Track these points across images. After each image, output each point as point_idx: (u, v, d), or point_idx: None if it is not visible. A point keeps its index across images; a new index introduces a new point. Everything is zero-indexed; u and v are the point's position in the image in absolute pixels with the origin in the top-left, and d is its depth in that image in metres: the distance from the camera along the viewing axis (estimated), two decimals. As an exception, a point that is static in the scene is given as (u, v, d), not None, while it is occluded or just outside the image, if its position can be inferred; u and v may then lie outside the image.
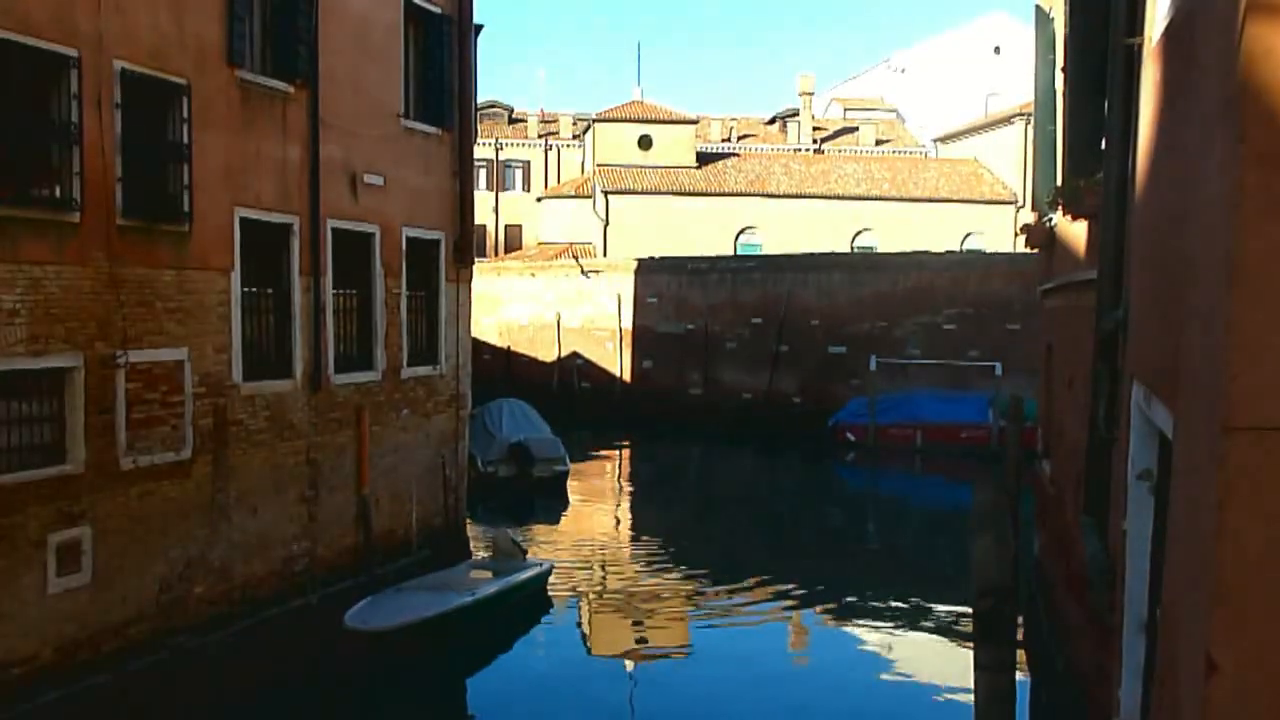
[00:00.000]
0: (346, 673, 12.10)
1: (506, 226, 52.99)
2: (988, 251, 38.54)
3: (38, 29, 10.19)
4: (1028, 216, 23.53)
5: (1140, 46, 6.24)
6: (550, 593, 15.54)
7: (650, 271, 35.11)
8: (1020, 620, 11.15)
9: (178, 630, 11.79)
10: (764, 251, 41.05)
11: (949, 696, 12.03)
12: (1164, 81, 5.21)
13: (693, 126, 46.08)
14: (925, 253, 32.61)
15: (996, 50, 57.50)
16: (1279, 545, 3.07)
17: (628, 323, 35.27)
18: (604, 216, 43.00)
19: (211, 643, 11.92)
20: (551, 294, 37.58)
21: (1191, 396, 3.86)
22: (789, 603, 15.99)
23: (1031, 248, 15.29)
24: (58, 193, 10.58)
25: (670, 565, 17.88)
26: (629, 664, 13.49)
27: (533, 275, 38.60)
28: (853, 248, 42.41)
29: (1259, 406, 3.06)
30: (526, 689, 12.57)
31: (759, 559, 18.44)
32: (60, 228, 10.50)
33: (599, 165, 44.47)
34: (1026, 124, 38.96)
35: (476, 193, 22.53)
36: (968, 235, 43.31)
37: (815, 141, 52.33)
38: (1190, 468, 3.82)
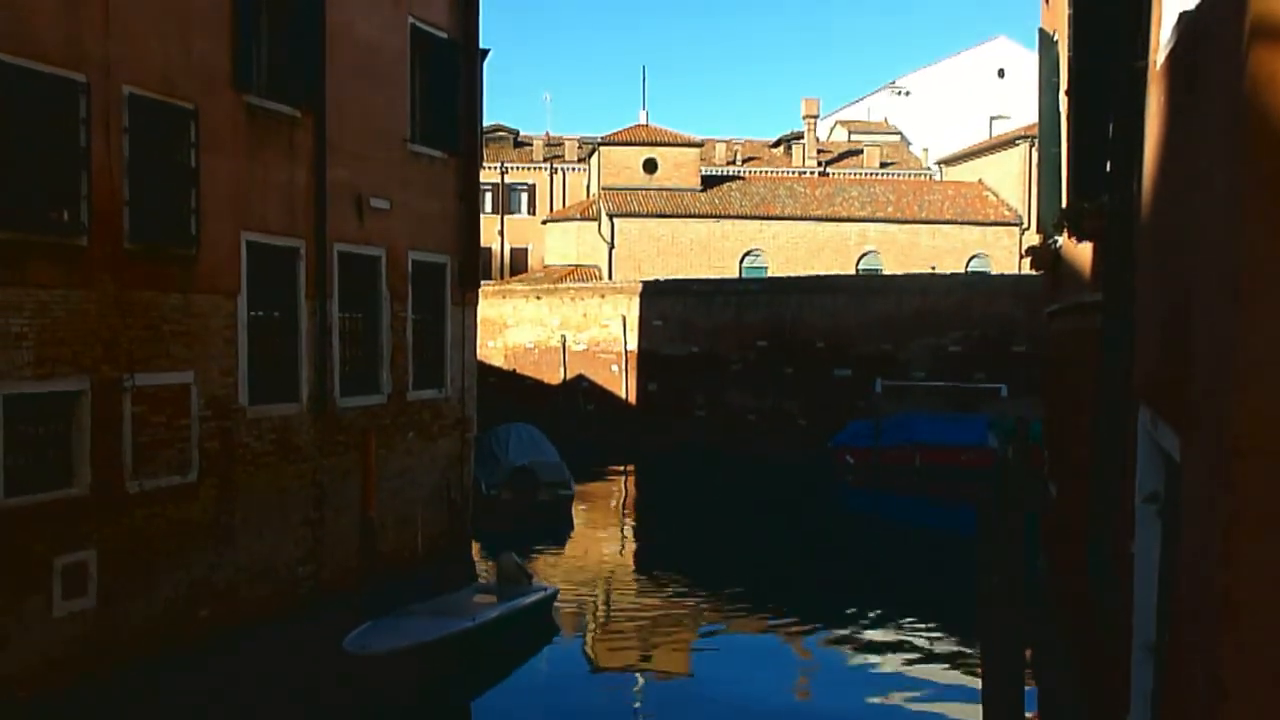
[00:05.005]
0: (347, 697, 12.02)
1: (512, 250, 53.14)
2: (993, 273, 38.54)
3: (48, 55, 10.27)
4: (1033, 238, 23.54)
5: (1145, 69, 6.25)
6: (555, 617, 15.46)
7: (655, 294, 35.14)
8: (1026, 644, 11.06)
9: (182, 652, 11.76)
10: (769, 274, 41.08)
11: (957, 721, 11.93)
12: (1168, 104, 5.22)
13: (698, 149, 46.22)
14: (930, 275, 32.59)
15: (1000, 73, 57.80)
16: (1288, 568, 3.05)
17: (633, 345, 35.27)
18: (609, 239, 43.10)
19: (215, 665, 11.88)
20: (557, 317, 37.62)
21: (1198, 419, 3.85)
22: (793, 626, 15.89)
23: (1037, 270, 15.28)
24: (66, 217, 10.63)
25: (675, 589, 17.80)
26: (634, 690, 13.40)
27: (538, 298, 38.65)
28: (858, 270, 42.41)
29: (1266, 429, 3.05)
30: (530, 715, 12.48)
31: (763, 583, 18.34)
32: (68, 251, 10.54)
33: (604, 188, 44.61)
34: (1030, 146, 39.03)
35: (482, 216, 22.63)
36: (973, 257, 43.32)
37: (820, 164, 52.47)
38: (1197, 490, 3.80)
